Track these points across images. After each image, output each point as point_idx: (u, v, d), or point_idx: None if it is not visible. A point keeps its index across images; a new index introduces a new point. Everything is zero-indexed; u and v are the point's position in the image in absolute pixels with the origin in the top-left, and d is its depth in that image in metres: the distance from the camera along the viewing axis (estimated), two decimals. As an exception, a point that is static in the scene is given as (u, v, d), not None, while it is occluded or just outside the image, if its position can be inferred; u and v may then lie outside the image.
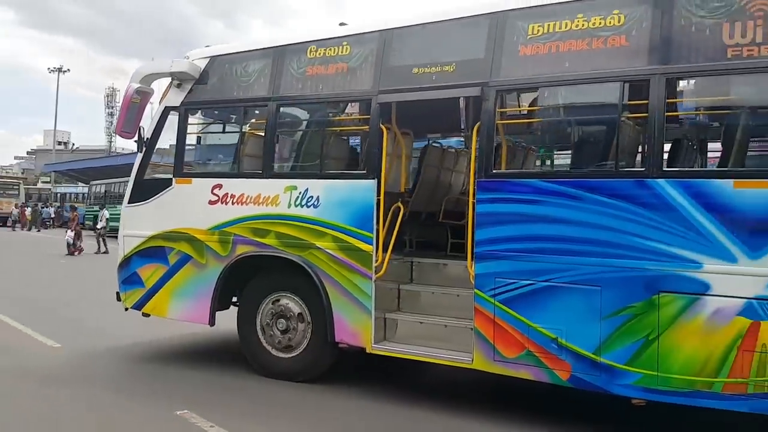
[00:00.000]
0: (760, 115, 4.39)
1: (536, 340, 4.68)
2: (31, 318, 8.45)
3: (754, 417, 4.12)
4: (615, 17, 4.55)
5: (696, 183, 4.18)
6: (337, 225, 5.51)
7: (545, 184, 4.68)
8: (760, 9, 4.10)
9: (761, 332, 3.98)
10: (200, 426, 4.65)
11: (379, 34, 5.56)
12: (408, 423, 4.92)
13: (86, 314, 7.24)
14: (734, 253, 4.04)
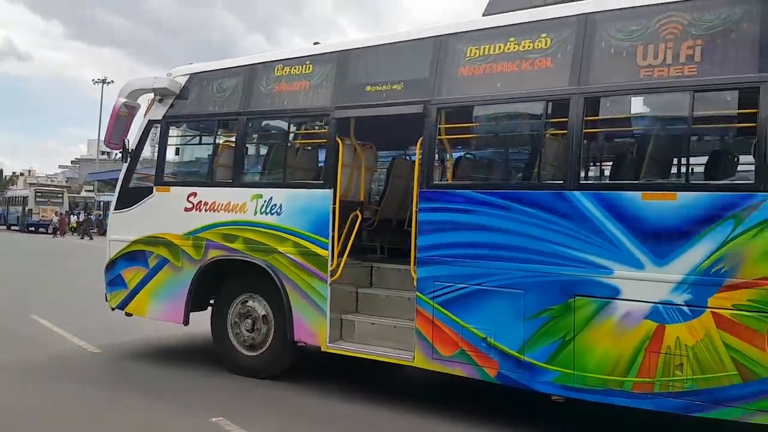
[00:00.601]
0: (668, 132, 4.74)
1: (469, 339, 5.06)
2: (73, 324, 8.59)
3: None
4: (542, 41, 4.95)
5: (608, 195, 4.55)
6: (297, 231, 5.97)
7: (477, 195, 5.08)
8: (671, 32, 4.47)
9: (666, 335, 4.32)
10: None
11: (337, 54, 6.03)
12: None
13: (125, 320, 7.47)
14: (642, 261, 4.40)
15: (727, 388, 4.14)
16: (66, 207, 43.05)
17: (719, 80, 4.31)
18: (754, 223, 4.04)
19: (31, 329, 8.47)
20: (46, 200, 42.47)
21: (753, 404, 4.08)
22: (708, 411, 4.24)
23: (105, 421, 5.08)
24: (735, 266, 4.10)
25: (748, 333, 4.07)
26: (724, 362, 4.14)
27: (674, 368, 4.30)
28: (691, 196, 4.26)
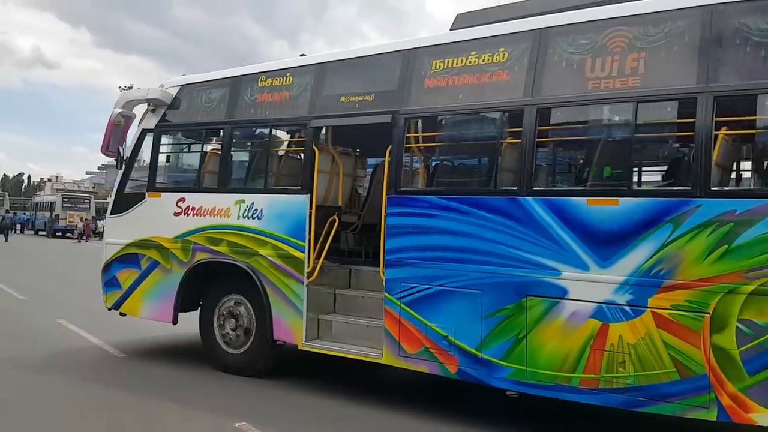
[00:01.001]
0: (612, 141, 4.99)
1: (432, 337, 5.35)
2: (97, 328, 8.67)
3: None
4: (501, 54, 5.24)
5: (557, 200, 4.82)
6: (277, 235, 6.30)
7: (439, 200, 5.37)
8: (617, 46, 4.74)
9: (610, 333, 4.58)
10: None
11: (315, 66, 6.37)
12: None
13: (149, 325, 7.61)
14: (587, 262, 4.66)
15: (667, 384, 4.38)
16: (93, 212, 43.90)
17: (660, 91, 4.57)
18: (690, 227, 4.29)
19: (57, 333, 8.64)
20: (72, 206, 43.35)
21: (690, 400, 4.32)
22: (649, 406, 4.48)
23: (128, 423, 5.21)
24: (673, 268, 4.35)
25: (684, 332, 4.31)
26: (663, 360, 4.38)
27: (617, 365, 4.55)
28: (631, 202, 4.53)
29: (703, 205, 4.26)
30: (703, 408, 4.27)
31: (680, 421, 4.53)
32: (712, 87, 4.31)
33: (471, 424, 5.29)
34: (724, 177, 4.36)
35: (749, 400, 4.11)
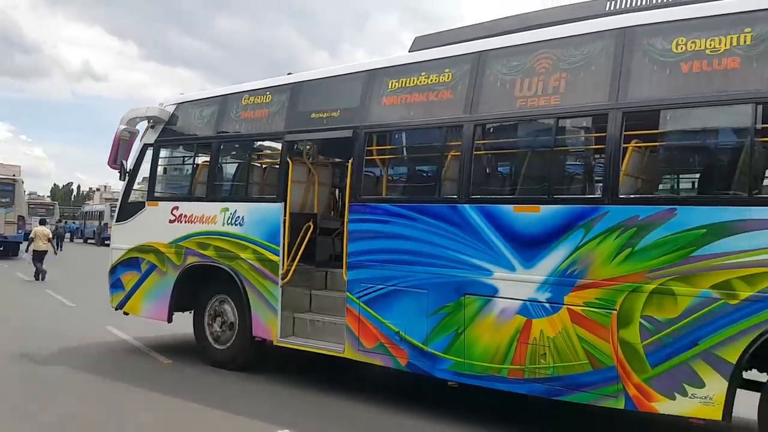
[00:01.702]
0: (537, 153, 5.47)
1: (386, 333, 5.90)
2: (145, 335, 8.93)
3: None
4: (446, 75, 5.80)
5: (489, 207, 5.33)
6: (255, 240, 6.95)
7: (393, 208, 5.94)
8: (543, 67, 5.25)
9: (533, 328, 5.06)
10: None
11: (290, 85, 7.02)
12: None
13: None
14: (513, 264, 5.16)
15: (581, 375, 4.85)
16: None
17: (577, 108, 5.07)
18: (599, 231, 4.76)
19: (108, 340, 8.90)
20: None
21: (601, 390, 4.77)
22: (566, 395, 4.95)
23: (173, 429, 5.39)
24: (585, 268, 4.82)
25: (595, 327, 4.77)
26: (578, 352, 4.85)
27: (539, 357, 5.03)
28: (550, 209, 5.01)
29: (611, 212, 4.73)
30: (612, 397, 4.72)
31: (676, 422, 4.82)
32: (621, 104, 4.79)
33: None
34: (631, 186, 4.80)
35: (652, 390, 4.55)
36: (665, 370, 4.49)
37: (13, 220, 23.10)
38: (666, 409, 4.50)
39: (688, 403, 4.40)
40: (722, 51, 4.45)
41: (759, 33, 4.33)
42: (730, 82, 4.42)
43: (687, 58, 4.58)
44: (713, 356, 4.30)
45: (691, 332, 4.38)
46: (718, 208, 4.34)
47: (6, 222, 22.85)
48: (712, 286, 4.30)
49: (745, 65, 4.37)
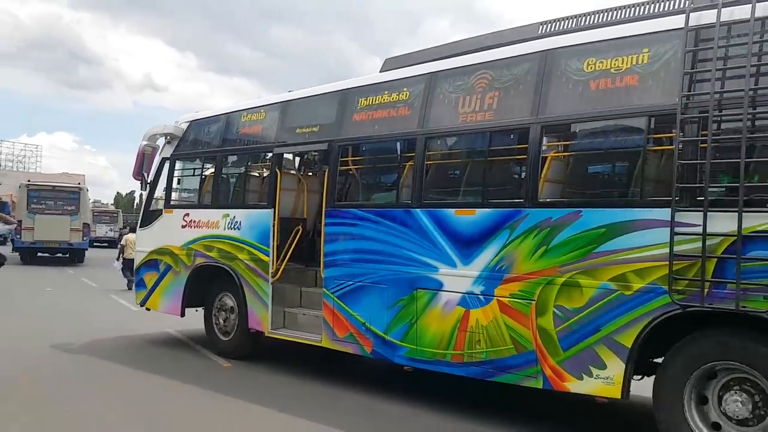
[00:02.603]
0: (474, 162, 6.14)
1: (354, 324, 6.69)
2: (204, 338, 9.01)
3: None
4: (404, 93, 6.56)
5: (435, 211, 6.06)
6: (250, 242, 7.86)
7: (359, 212, 6.73)
8: (481, 86, 5.95)
9: (470, 317, 5.75)
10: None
11: (280, 104, 7.91)
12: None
13: (253, 336, 8.05)
14: (455, 260, 5.87)
15: (508, 358, 5.51)
16: None
17: (505, 123, 5.76)
18: (522, 231, 5.43)
19: (167, 342, 9.35)
20: None
21: (524, 371, 5.43)
22: (497, 376, 5.62)
23: (229, 428, 5.62)
24: (510, 264, 5.49)
25: (519, 315, 5.43)
26: (505, 338, 5.52)
27: (475, 343, 5.72)
28: (483, 212, 5.70)
29: (530, 214, 5.39)
30: (533, 378, 5.37)
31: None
32: (541, 118, 5.45)
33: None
34: (548, 191, 5.43)
35: (564, 371, 5.18)
36: (574, 353, 5.11)
37: (79, 228, 24.02)
38: (576, 389, 5.13)
39: (593, 383, 5.01)
40: (624, 69, 5.06)
41: (655, 53, 4.93)
42: (630, 97, 5.02)
43: (596, 77, 5.21)
44: (612, 341, 4.90)
45: (594, 320, 4.99)
46: (615, 210, 4.96)
47: (72, 229, 23.76)
48: (610, 279, 4.91)
49: (642, 82, 4.97)
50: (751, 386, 4.44)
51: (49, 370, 7.42)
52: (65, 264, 24.29)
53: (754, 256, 4.26)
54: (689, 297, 4.51)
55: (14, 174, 65.45)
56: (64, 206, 23.91)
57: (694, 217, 4.48)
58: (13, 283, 16.57)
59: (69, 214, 23.77)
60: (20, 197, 24.11)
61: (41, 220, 23.16)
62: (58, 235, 23.45)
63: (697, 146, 4.56)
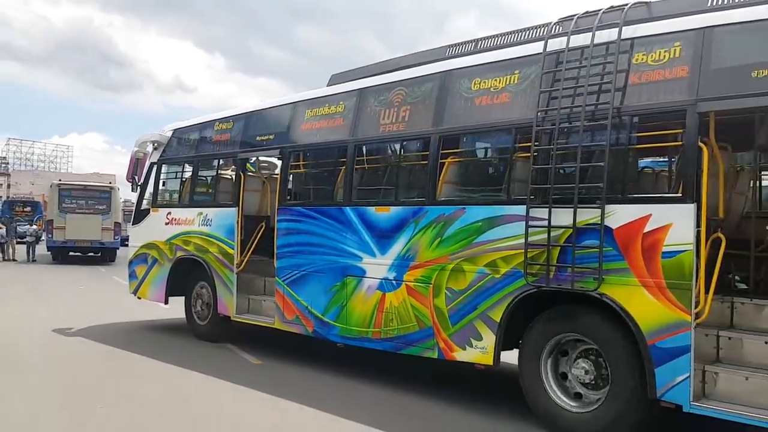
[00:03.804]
0: (391, 167, 7.22)
1: (299, 308, 7.83)
2: (235, 336, 9.41)
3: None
4: (341, 106, 7.67)
5: (361, 209, 7.15)
6: (219, 237, 9.07)
7: (303, 209, 7.87)
8: (397, 101, 7.02)
9: (386, 300, 6.83)
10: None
11: (245, 114, 9.10)
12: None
13: (284, 335, 8.34)
14: (374, 251, 6.95)
15: (413, 333, 6.58)
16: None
17: (413, 133, 6.84)
18: (423, 225, 6.49)
19: (197, 340, 9.57)
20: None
21: (424, 344, 6.49)
22: (404, 350, 6.69)
23: (256, 422, 5.83)
24: (415, 253, 6.56)
25: (420, 297, 6.50)
26: (411, 317, 6.59)
27: (389, 321, 6.80)
28: (396, 209, 6.78)
29: (429, 211, 6.45)
30: (430, 349, 6.43)
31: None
32: (439, 129, 6.52)
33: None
34: (444, 191, 6.48)
35: (453, 343, 6.23)
36: (460, 328, 6.16)
37: (110, 227, 24.68)
38: (461, 357, 6.17)
39: (473, 352, 6.06)
40: (500, 88, 6.10)
41: (523, 74, 5.95)
42: (503, 112, 6.05)
43: (480, 94, 6.25)
44: (487, 317, 5.94)
45: (473, 299, 6.03)
46: (489, 207, 6.00)
47: (103, 228, 24.46)
48: (485, 265, 5.95)
49: (512, 99, 6.00)
50: (594, 355, 5.44)
51: (105, 363, 8.09)
52: (97, 263, 25.04)
53: (585, 245, 5.27)
54: (540, 279, 5.53)
55: (46, 174, 68.41)
56: (96, 206, 24.56)
57: (544, 213, 5.49)
58: (46, 281, 17.62)
59: (100, 214, 24.45)
60: (51, 197, 24.93)
61: (72, 219, 23.87)
62: (89, 234, 24.10)
63: (548, 153, 5.57)
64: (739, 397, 4.69)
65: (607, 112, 5.18)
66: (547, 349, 5.64)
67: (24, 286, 16.92)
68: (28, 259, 25.10)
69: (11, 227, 27.30)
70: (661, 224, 4.87)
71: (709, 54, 4.84)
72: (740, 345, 4.93)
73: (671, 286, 4.80)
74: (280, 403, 6.37)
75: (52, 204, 24.69)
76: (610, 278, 5.10)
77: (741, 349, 4.91)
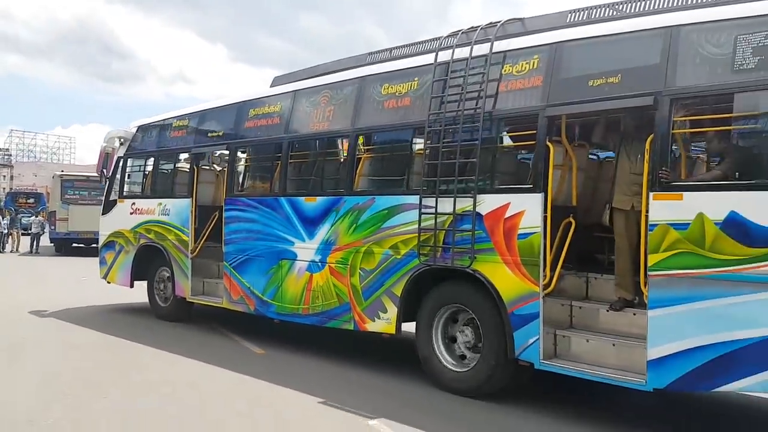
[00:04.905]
0: (317, 161, 8.25)
1: (243, 288, 8.87)
2: (240, 327, 9.73)
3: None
4: (278, 106, 8.68)
5: (293, 199, 8.17)
6: (176, 225, 10.10)
7: (246, 200, 8.91)
8: (323, 102, 8.02)
9: (313, 280, 7.86)
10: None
11: (199, 112, 10.13)
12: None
13: (288, 326, 8.62)
14: (304, 236, 7.98)
15: (334, 308, 7.61)
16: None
17: (334, 131, 7.86)
18: (342, 213, 7.51)
19: (204, 330, 9.88)
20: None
21: (343, 318, 7.51)
22: (328, 323, 7.72)
23: (260, 412, 5.92)
24: (336, 238, 7.58)
25: (340, 276, 7.53)
26: (333, 294, 7.62)
27: (315, 299, 7.83)
28: (321, 199, 7.80)
29: (347, 201, 7.47)
30: (348, 322, 7.47)
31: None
32: (356, 128, 7.54)
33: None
34: (360, 183, 7.50)
35: (365, 316, 7.26)
36: (371, 302, 7.19)
37: None
38: (371, 328, 7.21)
39: (380, 323, 7.09)
40: (404, 93, 7.11)
41: (421, 81, 6.96)
42: (406, 114, 7.06)
43: (388, 98, 7.26)
44: (391, 292, 6.97)
45: (380, 277, 7.07)
46: (393, 197, 7.02)
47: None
48: (389, 247, 6.97)
49: (413, 103, 7.01)
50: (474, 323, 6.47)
51: (107, 352, 8.35)
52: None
53: (462, 229, 6.29)
54: (430, 258, 6.56)
55: (49, 166, 69.13)
56: (99, 197, 24.40)
57: (432, 202, 6.51)
58: (48, 272, 18.21)
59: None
60: (54, 188, 25.24)
61: (75, 210, 23.91)
62: (92, 226, 23.58)
63: (436, 150, 6.59)
64: (583, 357, 5.73)
65: (480, 115, 6.20)
66: (437, 319, 6.68)
67: (24, 278, 17.35)
68: (31, 251, 25.54)
69: (16, 219, 27.60)
70: (517, 210, 5.90)
71: (559, 66, 5.86)
72: (587, 313, 5.97)
73: (524, 262, 5.83)
74: (282, 392, 6.50)
75: (54, 195, 24.96)
76: (480, 256, 6.14)
77: (588, 317, 5.95)
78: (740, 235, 4.62)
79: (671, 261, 4.93)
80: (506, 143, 6.41)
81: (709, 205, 4.77)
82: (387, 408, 5.91)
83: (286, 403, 6.19)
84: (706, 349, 4.76)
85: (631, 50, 5.47)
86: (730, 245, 4.66)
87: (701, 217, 4.78)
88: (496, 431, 5.58)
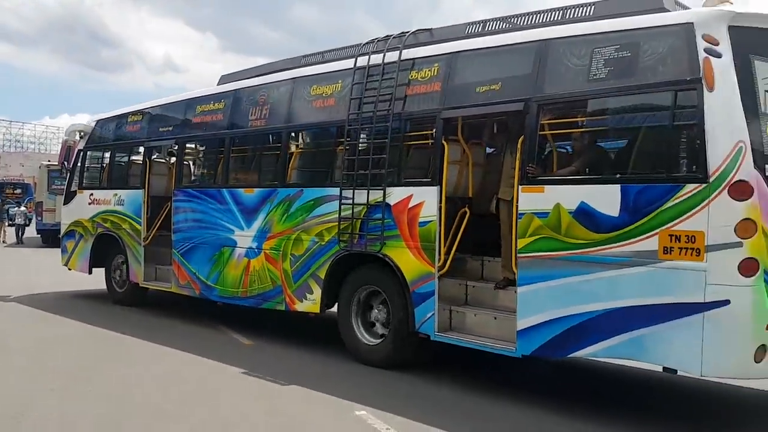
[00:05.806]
0: (255, 155, 9.09)
1: (189, 274, 9.68)
2: (229, 319, 9.86)
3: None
4: (222, 103, 9.47)
5: (234, 190, 8.99)
6: (130, 215, 10.87)
7: (191, 191, 9.72)
8: (262, 101, 8.83)
9: (251, 265, 8.68)
10: (377, 428, 5.26)
11: (151, 108, 10.91)
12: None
13: (278, 316, 8.84)
14: (243, 225, 8.80)
15: (269, 291, 8.45)
16: None
17: (271, 128, 8.69)
18: (276, 203, 8.33)
19: (192, 321, 10.01)
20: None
21: (276, 299, 8.35)
22: (263, 305, 8.56)
23: (249, 403, 5.99)
24: (271, 227, 8.41)
25: (274, 262, 8.36)
26: (268, 278, 8.45)
27: (252, 282, 8.66)
28: (258, 190, 8.63)
29: (280, 192, 8.31)
30: (280, 303, 8.31)
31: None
32: (289, 125, 8.38)
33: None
34: (292, 176, 8.34)
35: (295, 297, 8.10)
36: (300, 285, 8.03)
37: None
38: (299, 308, 8.05)
39: (307, 303, 7.94)
40: (329, 94, 7.95)
41: (343, 84, 7.80)
42: (330, 113, 7.91)
43: (316, 98, 8.10)
44: (316, 276, 7.82)
45: (307, 262, 7.91)
46: (319, 189, 7.86)
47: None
48: (315, 235, 7.82)
49: (336, 103, 7.84)
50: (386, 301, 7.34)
51: (99, 343, 8.57)
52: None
53: (374, 218, 7.16)
54: (348, 245, 7.42)
55: (36, 156, 68.55)
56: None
57: (350, 193, 7.36)
58: (36, 264, 18.20)
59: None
60: (41, 179, 25.09)
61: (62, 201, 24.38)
62: None
63: (354, 147, 7.44)
64: (473, 329, 6.62)
65: (390, 116, 7.06)
66: (355, 298, 7.54)
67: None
68: (17, 241, 25.69)
69: (3, 209, 27.48)
70: (419, 201, 6.78)
71: (453, 73, 6.73)
72: (480, 291, 6.86)
73: (424, 247, 6.71)
74: (270, 382, 6.63)
75: (41, 186, 24.97)
76: (389, 242, 7.01)
77: (481, 295, 6.84)
78: (588, 222, 5.51)
79: (535, 245, 5.82)
80: (411, 141, 7.24)
81: (565, 196, 5.67)
82: (374, 398, 6.03)
83: (274, 393, 6.34)
84: (562, 320, 5.66)
85: (510, 61, 6.37)
86: (581, 231, 5.55)
87: (558, 207, 5.67)
88: (483, 420, 5.79)
